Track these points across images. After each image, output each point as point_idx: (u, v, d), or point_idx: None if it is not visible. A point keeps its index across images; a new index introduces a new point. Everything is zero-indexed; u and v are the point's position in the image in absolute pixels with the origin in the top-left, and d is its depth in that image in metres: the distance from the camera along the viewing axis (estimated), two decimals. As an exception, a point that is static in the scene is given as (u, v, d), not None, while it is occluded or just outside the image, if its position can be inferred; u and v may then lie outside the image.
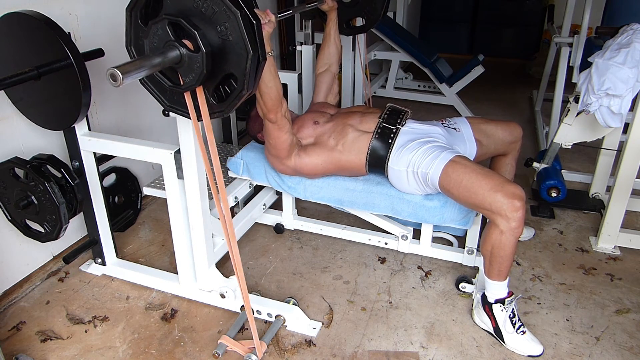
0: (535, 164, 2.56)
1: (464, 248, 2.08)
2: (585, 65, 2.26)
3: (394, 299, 1.97)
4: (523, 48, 5.70)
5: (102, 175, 2.03)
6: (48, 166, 1.77)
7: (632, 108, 2.01)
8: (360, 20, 2.65)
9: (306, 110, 2.30)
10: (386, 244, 2.22)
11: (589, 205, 2.60)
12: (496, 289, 1.74)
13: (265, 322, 1.85)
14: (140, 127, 2.53)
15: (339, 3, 2.33)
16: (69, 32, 1.60)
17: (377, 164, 1.91)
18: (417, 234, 2.16)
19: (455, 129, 2.00)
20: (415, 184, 1.86)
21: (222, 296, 1.86)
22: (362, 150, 1.90)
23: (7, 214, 1.84)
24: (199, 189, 1.70)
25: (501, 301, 1.73)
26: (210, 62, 1.18)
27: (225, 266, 2.09)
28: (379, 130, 1.90)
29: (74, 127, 1.76)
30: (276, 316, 1.80)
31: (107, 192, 2.13)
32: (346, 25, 2.61)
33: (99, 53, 1.84)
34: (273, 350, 1.72)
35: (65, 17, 2.01)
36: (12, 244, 1.96)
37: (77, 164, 1.85)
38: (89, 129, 1.83)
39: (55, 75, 1.56)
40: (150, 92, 1.36)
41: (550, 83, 3.65)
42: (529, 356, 1.69)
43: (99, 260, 2.08)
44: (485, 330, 1.79)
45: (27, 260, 2.04)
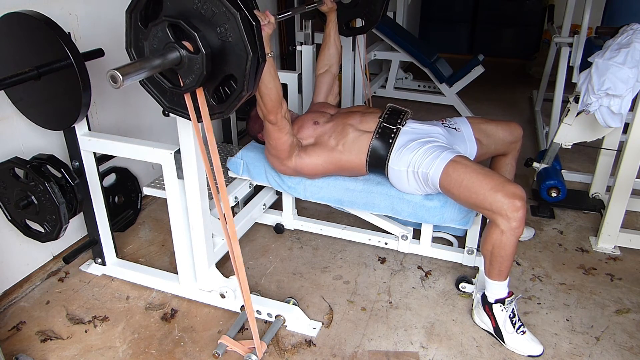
0: (535, 164, 2.56)
1: (464, 248, 2.08)
2: (585, 65, 2.26)
3: (394, 299, 1.97)
4: (523, 48, 5.70)
5: (102, 175, 2.03)
6: (48, 166, 1.77)
7: (632, 108, 2.01)
8: (360, 21, 2.65)
9: (306, 110, 2.30)
10: (386, 244, 2.22)
11: (589, 205, 2.60)
12: (496, 289, 1.74)
13: (265, 322, 1.85)
14: (140, 127, 2.53)
15: (338, 4, 2.33)
16: (69, 32, 1.60)
17: (378, 164, 1.91)
18: (417, 234, 2.16)
19: (455, 128, 2.01)
20: (415, 184, 1.86)
21: (222, 296, 1.86)
22: (362, 150, 1.90)
23: (7, 214, 1.84)
24: (199, 189, 1.70)
25: (501, 301, 1.73)
26: (210, 64, 1.18)
27: (225, 266, 2.09)
28: (379, 130, 1.90)
29: (74, 127, 1.76)
30: (276, 316, 1.80)
31: (107, 192, 2.13)
32: (346, 27, 2.61)
33: (99, 53, 1.84)
34: (273, 350, 1.72)
35: (65, 17, 2.01)
36: (12, 244, 1.96)
37: (77, 164, 1.85)
38: (89, 129, 1.83)
39: (55, 75, 1.56)
40: (150, 93, 1.36)
41: (550, 83, 3.65)
42: (529, 356, 1.69)
43: (99, 260, 2.08)
44: (485, 330, 1.80)
45: (27, 260, 2.04)
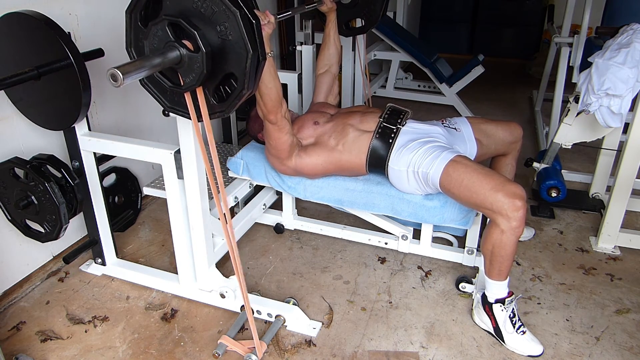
0: (535, 164, 2.56)
1: (464, 248, 2.08)
2: (585, 65, 2.26)
3: (394, 299, 1.97)
4: (523, 48, 5.70)
5: (102, 175, 2.03)
6: (48, 166, 1.77)
7: (632, 108, 2.01)
8: (360, 21, 2.65)
9: (306, 110, 2.30)
10: (386, 244, 2.22)
11: (589, 205, 2.60)
12: (496, 289, 1.74)
13: (265, 322, 1.85)
14: (140, 127, 2.53)
15: (338, 4, 2.33)
16: (69, 32, 1.60)
17: (378, 163, 1.91)
18: (417, 234, 2.16)
19: (455, 128, 2.01)
20: (415, 183, 1.86)
21: (222, 296, 1.86)
22: (362, 150, 1.90)
23: (7, 214, 1.84)
24: (199, 189, 1.70)
25: (501, 301, 1.73)
26: (210, 62, 1.18)
27: (225, 266, 2.09)
28: (379, 130, 1.90)
29: (74, 127, 1.76)
30: (276, 316, 1.80)
31: (107, 192, 2.13)
32: (345, 27, 2.61)
33: (99, 53, 1.84)
34: (273, 350, 1.72)
35: (65, 17, 2.01)
36: (12, 244, 1.96)
37: (77, 164, 1.85)
38: (89, 129, 1.83)
39: (55, 75, 1.56)
40: (151, 93, 1.36)
41: (550, 83, 3.65)
42: (529, 356, 1.69)
43: (99, 260, 2.08)
44: (485, 330, 1.79)
45: (27, 260, 2.04)
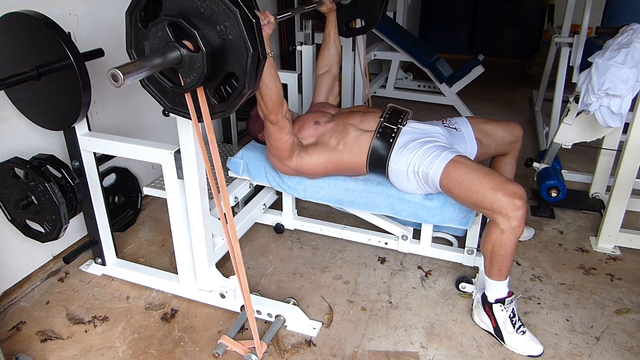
0: (535, 164, 2.56)
1: (464, 248, 2.08)
2: (585, 65, 2.26)
3: (394, 299, 1.97)
4: (523, 48, 5.70)
5: (102, 175, 2.03)
6: (48, 166, 1.77)
7: (632, 108, 2.01)
8: (360, 21, 2.65)
9: (307, 110, 2.30)
10: (386, 244, 2.22)
11: (589, 205, 2.60)
12: (496, 289, 1.74)
13: (265, 322, 1.85)
14: (140, 127, 2.53)
15: (337, 5, 2.33)
16: (69, 32, 1.60)
17: (378, 163, 1.91)
18: (417, 234, 2.15)
19: (455, 128, 2.01)
20: (415, 183, 1.86)
21: (222, 296, 1.86)
22: (363, 149, 1.90)
23: (7, 214, 1.84)
24: (199, 189, 1.70)
25: (501, 301, 1.73)
26: (211, 62, 1.18)
27: (225, 266, 2.09)
28: (380, 130, 1.90)
29: (74, 127, 1.76)
30: (276, 316, 1.80)
31: (107, 192, 2.13)
32: (345, 27, 2.61)
33: (99, 53, 1.84)
34: (273, 350, 1.72)
35: (65, 17, 2.01)
36: (12, 244, 1.96)
37: (77, 164, 1.85)
38: (89, 129, 1.83)
39: (55, 75, 1.56)
40: (152, 94, 1.36)
41: (550, 83, 3.65)
42: (529, 356, 1.69)
43: (99, 260, 2.08)
44: (485, 330, 1.79)
45: (27, 260, 2.04)
